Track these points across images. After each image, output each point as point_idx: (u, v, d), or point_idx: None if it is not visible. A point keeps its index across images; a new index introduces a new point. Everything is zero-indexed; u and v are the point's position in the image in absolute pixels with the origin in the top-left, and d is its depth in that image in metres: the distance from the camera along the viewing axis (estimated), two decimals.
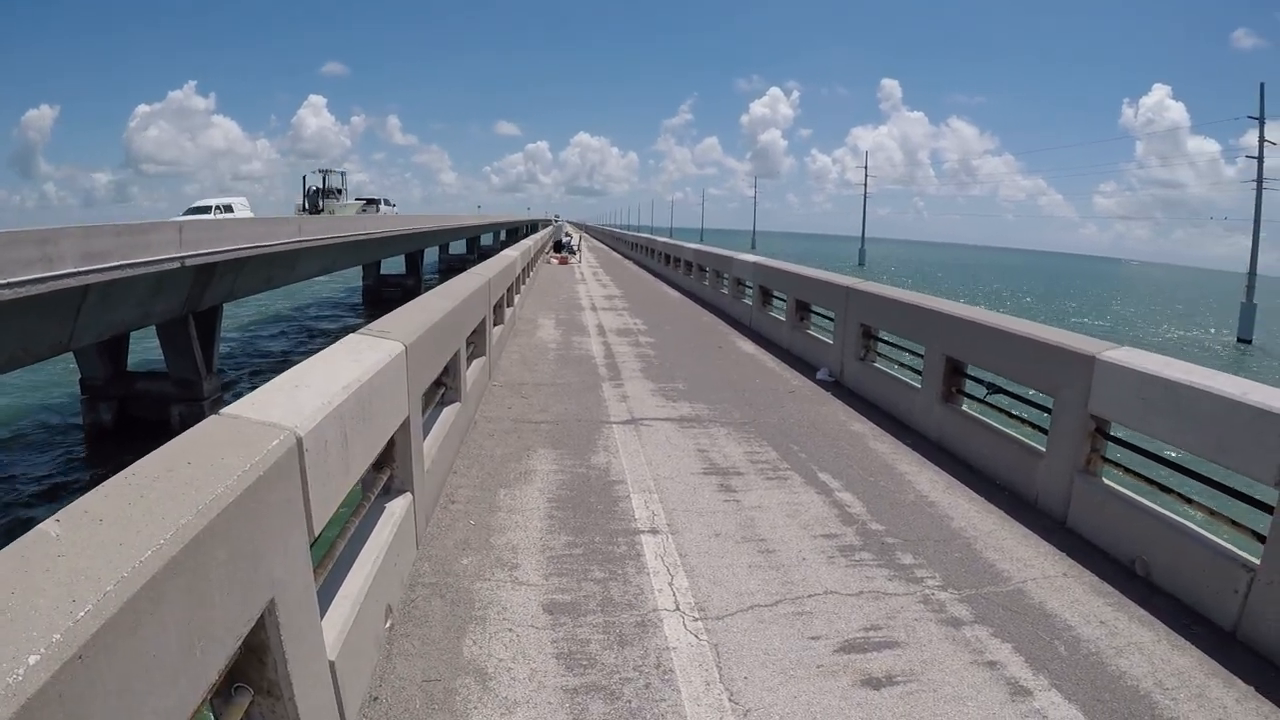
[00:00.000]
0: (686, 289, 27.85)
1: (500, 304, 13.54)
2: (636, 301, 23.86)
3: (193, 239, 19.13)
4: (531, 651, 4.23)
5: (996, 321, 8.34)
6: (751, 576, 5.28)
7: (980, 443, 8.14)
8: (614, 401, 10.10)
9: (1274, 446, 4.83)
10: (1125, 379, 6.18)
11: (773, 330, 16.39)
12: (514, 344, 14.24)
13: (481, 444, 7.86)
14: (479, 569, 5.16)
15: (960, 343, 8.85)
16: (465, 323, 8.52)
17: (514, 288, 16.80)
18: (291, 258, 27.62)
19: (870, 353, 11.57)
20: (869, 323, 11.59)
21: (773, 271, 17.47)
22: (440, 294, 8.18)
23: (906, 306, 10.39)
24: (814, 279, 14.56)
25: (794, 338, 14.84)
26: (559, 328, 16.95)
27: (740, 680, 4.09)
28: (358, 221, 38.94)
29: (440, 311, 6.78)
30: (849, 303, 12.19)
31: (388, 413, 4.56)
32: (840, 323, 12.52)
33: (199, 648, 2.14)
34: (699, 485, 7.02)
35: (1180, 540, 5.55)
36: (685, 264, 29.36)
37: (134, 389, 22.83)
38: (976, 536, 6.29)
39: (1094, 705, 4.11)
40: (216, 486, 2.33)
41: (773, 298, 17.47)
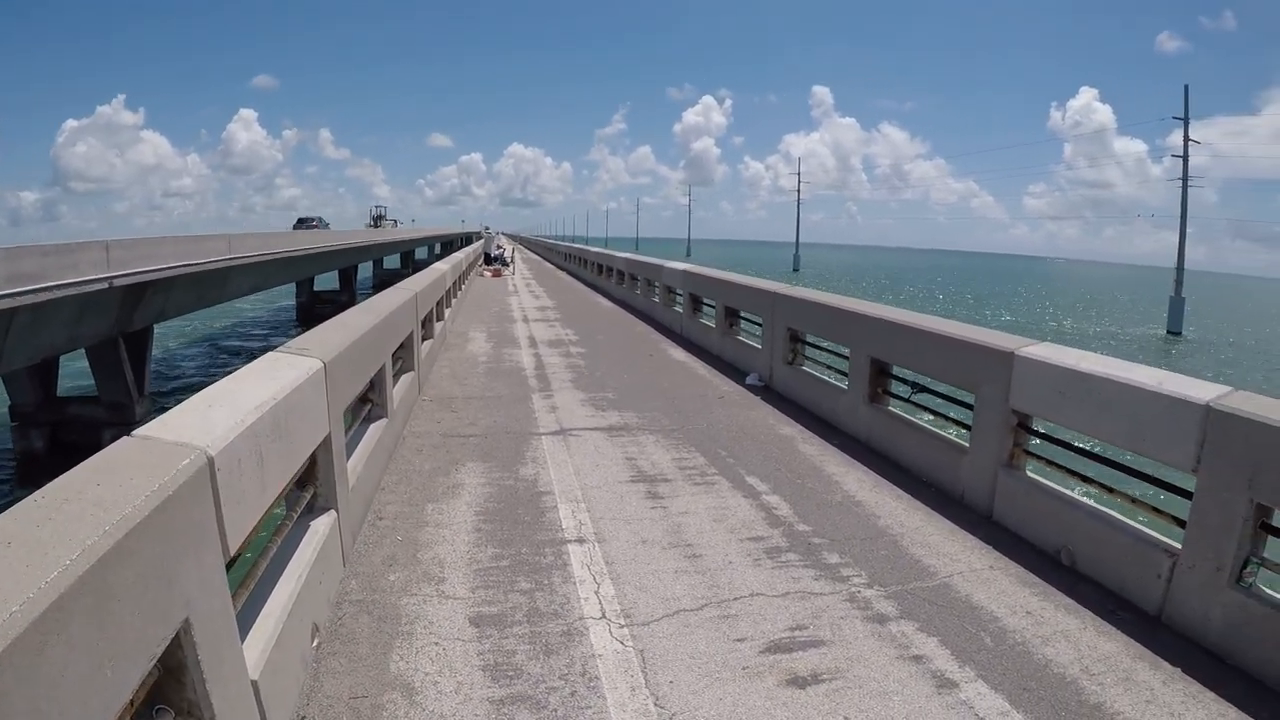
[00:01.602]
0: (619, 298, 27.90)
1: (429, 318, 13.47)
2: (569, 312, 23.85)
3: (121, 258, 18.82)
4: (458, 664, 4.26)
5: (918, 322, 8.53)
6: (677, 582, 5.35)
7: (906, 441, 8.33)
8: (543, 413, 10.12)
9: (1190, 434, 5.02)
10: (1044, 374, 6.37)
11: (703, 337, 16.52)
12: (444, 358, 14.20)
13: (410, 459, 7.85)
14: (406, 584, 5.16)
15: (884, 344, 9.04)
16: (391, 338, 8.51)
17: (444, 301, 16.72)
18: (222, 275, 27.26)
19: (798, 357, 11.75)
20: (796, 327, 11.75)
21: (702, 279, 17.62)
22: (363, 310, 8.16)
23: (831, 310, 10.58)
24: (742, 285, 14.72)
25: (724, 344, 14.97)
26: (490, 340, 16.91)
27: (666, 685, 4.15)
28: (289, 238, 38.48)
29: (363, 327, 6.77)
30: (776, 308, 12.35)
31: (307, 430, 4.56)
32: (768, 328, 12.67)
33: (110, 668, 2.16)
34: (626, 493, 7.08)
35: (1103, 529, 5.74)
36: (617, 273, 29.42)
37: (65, 414, 22.42)
38: (903, 533, 6.43)
39: (1021, 694, 4.24)
40: (125, 507, 2.35)
41: (703, 305, 17.60)
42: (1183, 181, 60.93)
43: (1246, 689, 4.40)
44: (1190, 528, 5.06)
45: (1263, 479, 4.59)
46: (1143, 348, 51.73)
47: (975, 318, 62.81)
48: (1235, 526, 4.72)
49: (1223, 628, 4.78)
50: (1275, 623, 4.49)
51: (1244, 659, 4.63)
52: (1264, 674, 4.50)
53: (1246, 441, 4.69)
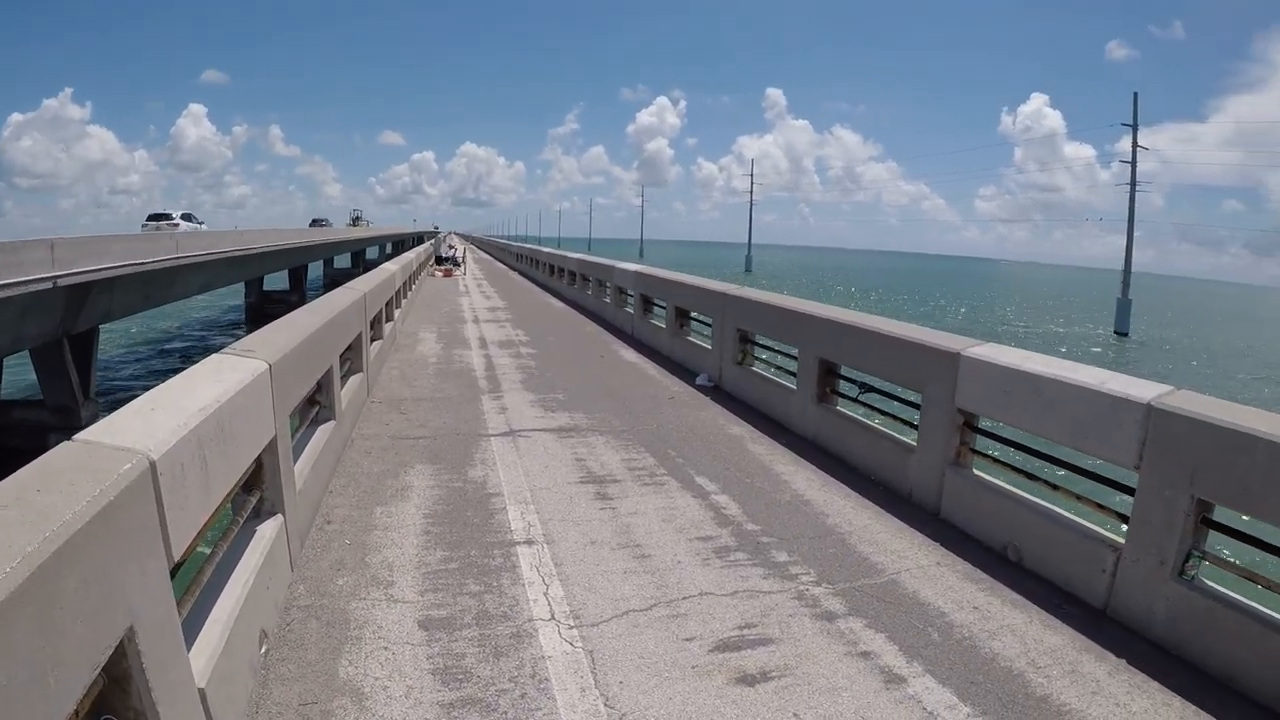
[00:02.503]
0: (570, 299, 27.88)
1: (379, 318, 13.38)
2: (520, 313, 23.81)
3: (66, 257, 18.42)
4: (408, 668, 4.24)
5: (866, 323, 8.62)
6: (626, 582, 5.38)
7: (855, 441, 8.41)
8: (493, 414, 10.10)
9: (1132, 432, 5.14)
10: (989, 374, 6.48)
11: (654, 338, 16.57)
12: (394, 359, 14.11)
13: (358, 462, 7.80)
14: (355, 589, 5.13)
15: (833, 345, 9.14)
16: (339, 339, 8.44)
17: (394, 302, 16.60)
18: (170, 275, 26.77)
19: (748, 357, 11.82)
20: (745, 328, 11.82)
21: (653, 280, 17.66)
22: (310, 310, 8.08)
23: (780, 311, 10.67)
24: (692, 286, 14.78)
25: (674, 345, 15.02)
26: (440, 341, 16.83)
27: (615, 685, 4.17)
28: (238, 236, 37.93)
29: (309, 328, 6.71)
30: (726, 309, 12.42)
31: (252, 433, 4.52)
32: (718, 329, 12.73)
33: (53, 677, 2.13)
34: (576, 494, 7.09)
35: (1049, 525, 5.86)
36: (569, 274, 29.39)
37: (9, 418, 21.86)
38: (851, 531, 6.50)
39: (968, 688, 4.31)
40: (65, 513, 2.32)
41: (653, 305, 17.65)
42: (1131, 186, 62.08)
43: (1190, 679, 4.52)
44: (1133, 523, 5.19)
45: (1203, 475, 4.71)
46: (1091, 348, 52.62)
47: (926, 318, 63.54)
48: (1177, 521, 4.84)
49: (1166, 620, 4.90)
50: (1217, 614, 4.61)
51: (1187, 650, 4.75)
52: (1207, 664, 4.63)
53: (1187, 439, 4.81)
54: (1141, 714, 4.18)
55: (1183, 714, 4.20)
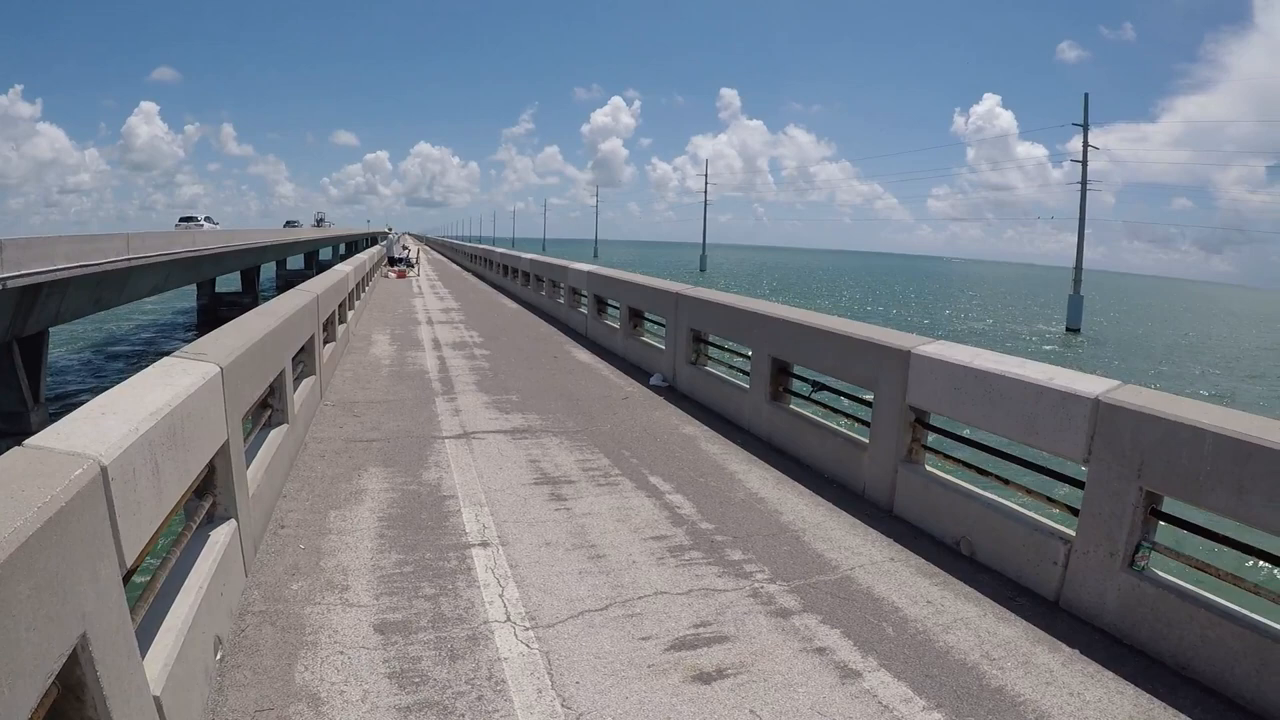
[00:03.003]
0: (524, 300, 27.84)
1: (331, 320, 13.27)
2: (473, 314, 23.71)
3: (14, 258, 18.09)
4: (364, 673, 4.22)
5: (817, 322, 8.71)
6: (582, 583, 5.39)
7: (808, 439, 8.49)
8: (447, 416, 10.06)
9: (1081, 426, 5.24)
10: (939, 371, 6.58)
11: (608, 338, 16.60)
12: (347, 361, 14.00)
13: (312, 465, 7.73)
14: (309, 593, 5.09)
15: (785, 344, 9.20)
16: (291, 341, 8.36)
17: (347, 303, 16.49)
18: (122, 276, 26.37)
19: (701, 357, 11.88)
20: (698, 328, 11.88)
21: (606, 280, 17.67)
22: (262, 312, 8.00)
23: (733, 310, 10.72)
24: (645, 286, 14.81)
25: (628, 345, 15.07)
26: (394, 343, 16.72)
27: (572, 685, 4.18)
28: (190, 237, 37.38)
29: (261, 331, 6.64)
30: (679, 309, 12.47)
31: (205, 437, 4.47)
32: (671, 329, 12.78)
33: (6, 686, 2.11)
34: (530, 496, 7.09)
35: (1001, 519, 5.95)
36: (523, 274, 29.34)
37: None
38: (805, 529, 6.57)
39: (923, 681, 4.37)
40: (16, 519, 2.30)
41: (607, 306, 17.67)
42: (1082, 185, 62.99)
43: (1142, 666, 4.64)
44: (1083, 516, 5.29)
45: (1151, 468, 4.81)
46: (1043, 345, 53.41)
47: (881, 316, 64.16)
48: (1126, 513, 4.95)
49: (1118, 609, 5.00)
50: (1167, 603, 4.72)
51: (1138, 638, 4.86)
52: (1158, 651, 4.74)
53: (1134, 433, 4.91)
54: (1095, 702, 4.26)
55: (1136, 701, 4.30)
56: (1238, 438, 4.37)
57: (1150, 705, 4.27)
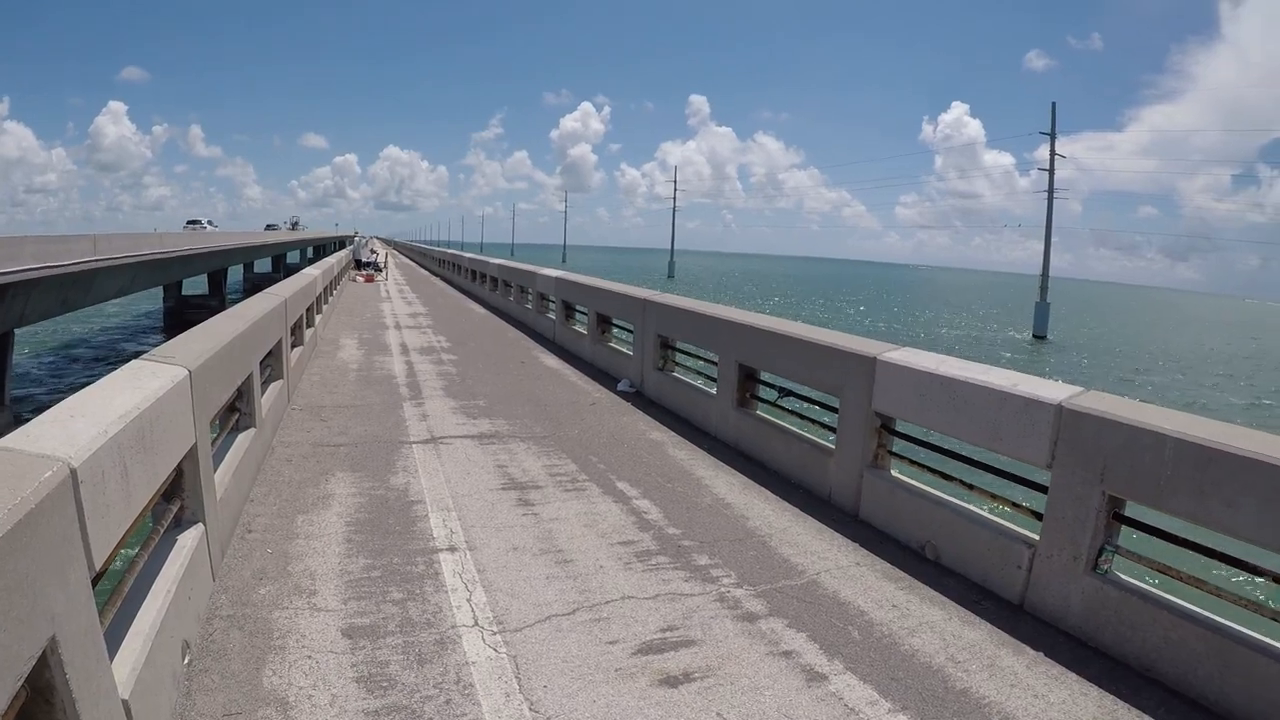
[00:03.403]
0: (492, 305, 27.81)
1: (299, 324, 13.21)
2: (441, 319, 23.64)
3: None
4: (332, 677, 4.21)
5: (784, 328, 8.77)
6: (549, 587, 5.40)
7: (775, 444, 8.54)
8: (414, 421, 10.03)
9: (1044, 432, 5.32)
10: (904, 377, 6.65)
11: (575, 344, 16.60)
12: (315, 365, 13.91)
13: (279, 470, 7.69)
14: (277, 598, 5.07)
15: (752, 350, 9.25)
16: (259, 345, 8.31)
17: (315, 307, 16.40)
18: (88, 278, 26.03)
19: (669, 363, 11.91)
20: (666, 334, 11.91)
21: (574, 286, 17.67)
22: (230, 316, 7.95)
23: (700, 317, 10.75)
24: (613, 292, 14.86)
25: (596, 351, 15.08)
26: (361, 347, 16.63)
27: (540, 689, 4.19)
28: (157, 239, 36.94)
29: (230, 334, 6.60)
30: (646, 315, 12.51)
31: (173, 441, 4.45)
32: (639, 334, 12.82)
33: None
34: (497, 501, 7.09)
35: (965, 524, 6.02)
36: (491, 280, 29.31)
37: None
38: (771, 534, 6.61)
39: (889, 684, 4.41)
40: None
41: (575, 312, 17.66)
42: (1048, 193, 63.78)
43: (1106, 668, 4.71)
44: (1047, 520, 5.36)
45: (1114, 472, 4.89)
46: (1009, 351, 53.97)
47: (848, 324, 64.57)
48: (1089, 517, 5.02)
49: (1082, 612, 5.08)
50: (1130, 605, 4.80)
51: (1102, 640, 4.94)
52: (1122, 653, 4.82)
53: (1097, 438, 4.99)
54: (1060, 704, 4.33)
55: (1100, 702, 4.37)
56: (1198, 443, 4.45)
57: (1114, 706, 4.34)
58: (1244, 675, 4.25)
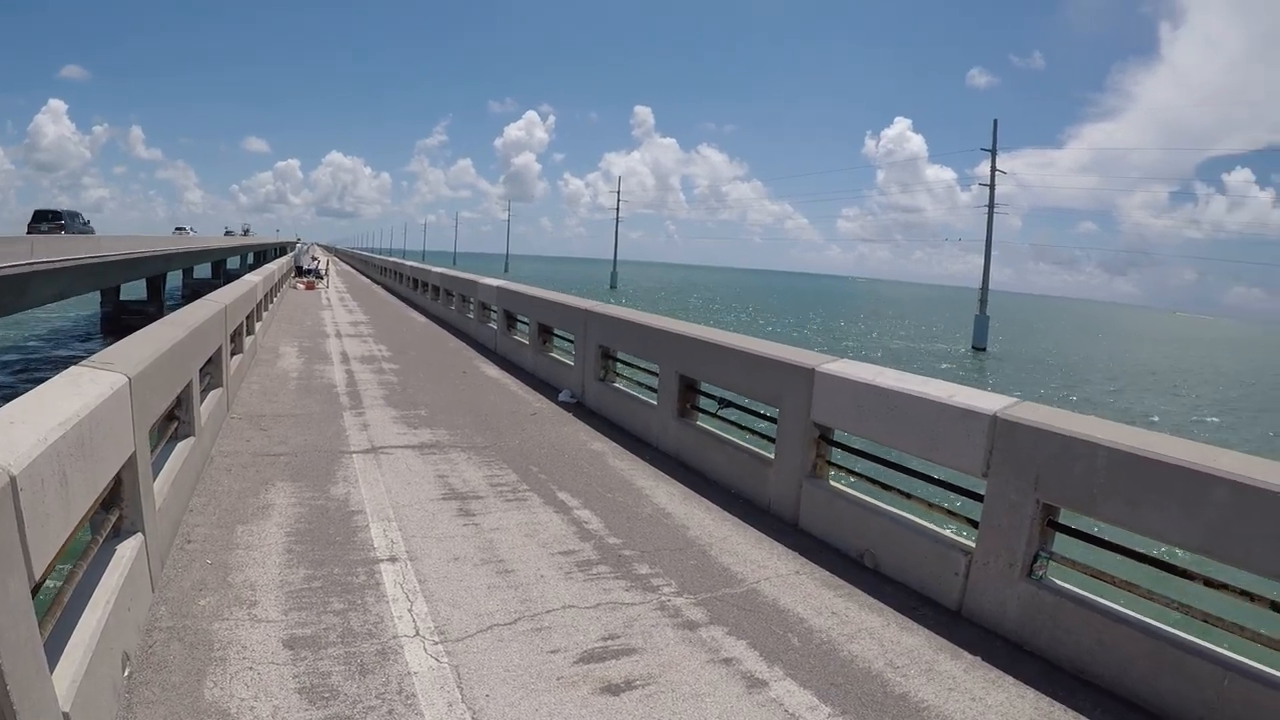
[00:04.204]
0: (434, 314, 27.61)
1: (239, 332, 13.01)
2: (383, 327, 23.42)
3: None
4: (274, 688, 4.16)
5: (724, 340, 8.84)
6: (491, 597, 5.39)
7: (715, 455, 8.58)
8: (355, 430, 9.93)
9: (980, 442, 5.43)
10: (843, 388, 6.72)
11: (517, 354, 16.54)
12: (254, 374, 13.69)
13: (219, 479, 7.56)
14: (217, 609, 4.99)
15: (692, 361, 9.30)
16: (199, 352, 8.18)
17: (255, 314, 16.15)
18: (22, 282, 25.28)
19: (610, 373, 11.94)
20: (607, 344, 11.93)
21: (516, 296, 17.61)
22: (170, 322, 7.81)
23: (641, 328, 10.80)
24: (555, 302, 14.81)
25: (537, 361, 15.04)
26: (302, 356, 16.41)
27: (482, 699, 4.18)
28: (95, 242, 36.06)
29: (169, 341, 6.49)
30: (588, 325, 12.50)
31: (112, 449, 4.37)
32: (580, 345, 12.82)
33: None
34: (438, 511, 7.05)
35: (903, 532, 6.12)
36: (433, 288, 29.11)
37: None
38: (712, 543, 6.65)
39: (828, 689, 4.47)
40: None
41: (517, 321, 17.57)
42: (989, 208, 65.03)
43: (1043, 671, 4.83)
44: (983, 528, 5.47)
45: (1047, 481, 5.01)
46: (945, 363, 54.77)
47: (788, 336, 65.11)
48: (1024, 525, 5.14)
49: (1018, 617, 5.18)
50: (1064, 610, 4.92)
51: (1038, 644, 5.05)
52: (1057, 656, 4.93)
53: (1031, 447, 5.11)
54: (997, 706, 4.42)
55: (1036, 704, 4.47)
56: (1130, 451, 4.58)
57: (1050, 708, 4.44)
58: (1175, 675, 4.37)
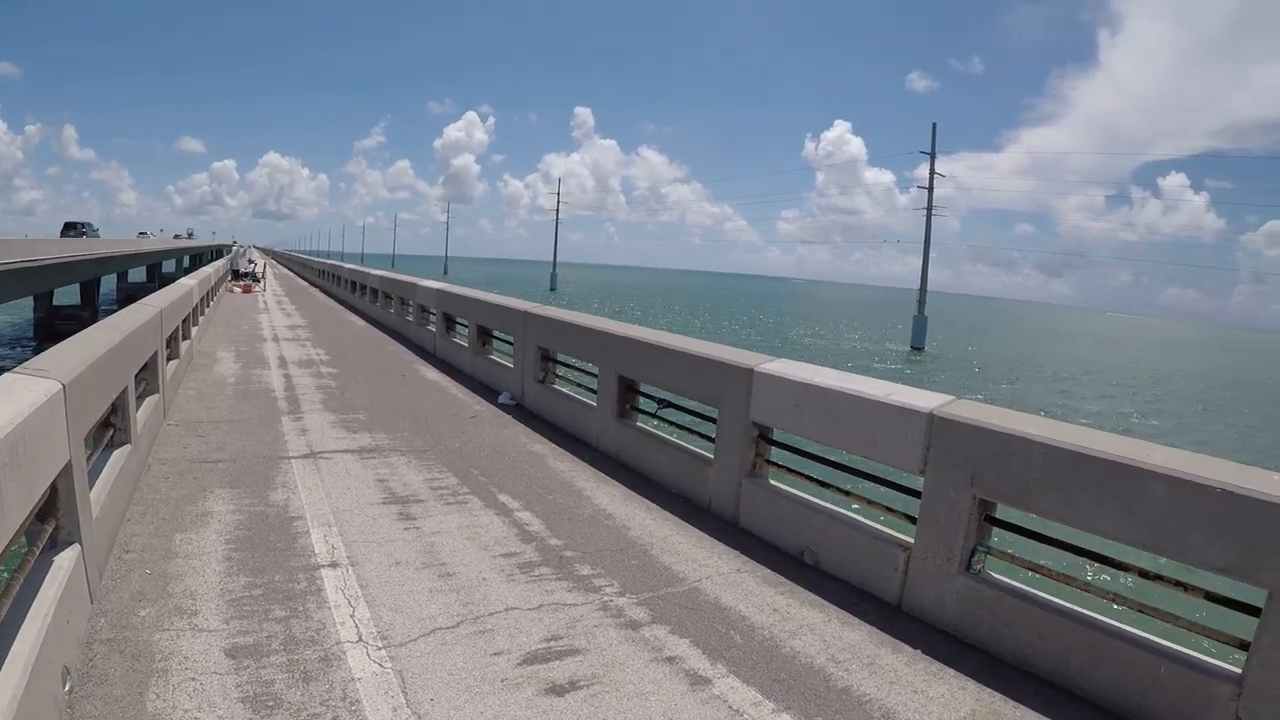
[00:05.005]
0: (373, 317, 27.31)
1: (175, 336, 12.73)
2: (321, 331, 23.11)
3: None
4: (216, 699, 4.10)
5: (664, 341, 8.87)
6: (433, 601, 5.37)
7: (655, 455, 8.62)
8: (294, 436, 9.80)
9: (917, 439, 5.52)
10: (781, 388, 6.78)
11: (456, 357, 16.43)
12: (191, 379, 13.42)
13: (156, 488, 7.42)
14: (158, 619, 4.90)
15: (631, 362, 9.32)
16: (134, 358, 8.00)
17: (191, 319, 15.83)
18: None
19: (549, 375, 11.91)
20: (547, 346, 11.91)
21: (455, 298, 17.52)
22: (105, 327, 7.64)
23: (580, 329, 10.81)
24: (494, 305, 14.76)
25: (477, 363, 14.96)
26: (239, 361, 16.11)
27: (427, 703, 4.17)
28: (26, 246, 35.11)
29: (104, 346, 6.34)
30: (527, 327, 12.46)
31: (47, 458, 4.27)
32: (520, 347, 12.78)
33: None
34: (379, 515, 6.99)
35: (843, 529, 6.19)
36: (371, 291, 28.78)
37: None
38: (653, 543, 6.69)
39: (772, 685, 4.53)
40: None
41: (456, 324, 17.49)
42: (928, 210, 66.06)
43: (984, 663, 4.93)
44: (922, 524, 5.57)
45: (983, 477, 5.12)
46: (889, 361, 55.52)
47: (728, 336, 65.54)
48: (962, 520, 5.24)
49: (957, 611, 5.28)
50: (1003, 603, 5.03)
51: (978, 637, 5.15)
52: (997, 648, 5.03)
53: (967, 444, 5.22)
54: (939, 699, 4.51)
55: (978, 696, 4.57)
56: (1065, 447, 4.69)
57: (991, 699, 4.54)
58: (1113, 665, 4.50)
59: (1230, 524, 4.01)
